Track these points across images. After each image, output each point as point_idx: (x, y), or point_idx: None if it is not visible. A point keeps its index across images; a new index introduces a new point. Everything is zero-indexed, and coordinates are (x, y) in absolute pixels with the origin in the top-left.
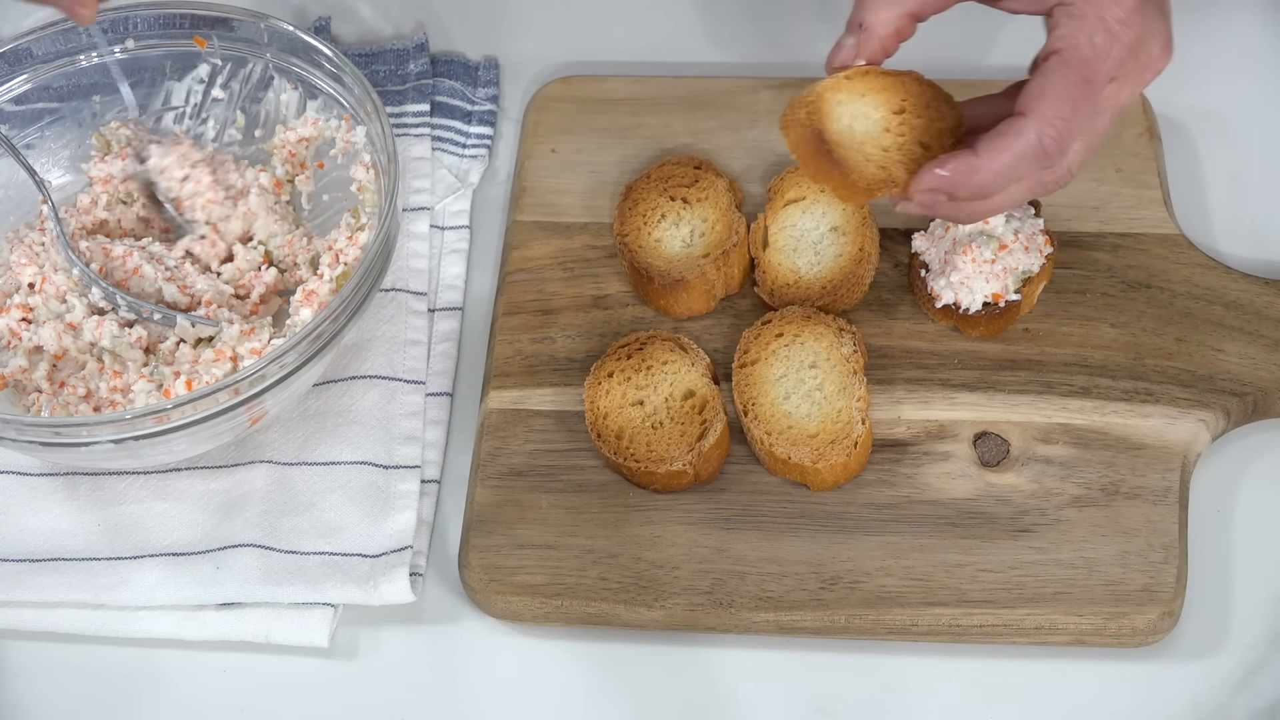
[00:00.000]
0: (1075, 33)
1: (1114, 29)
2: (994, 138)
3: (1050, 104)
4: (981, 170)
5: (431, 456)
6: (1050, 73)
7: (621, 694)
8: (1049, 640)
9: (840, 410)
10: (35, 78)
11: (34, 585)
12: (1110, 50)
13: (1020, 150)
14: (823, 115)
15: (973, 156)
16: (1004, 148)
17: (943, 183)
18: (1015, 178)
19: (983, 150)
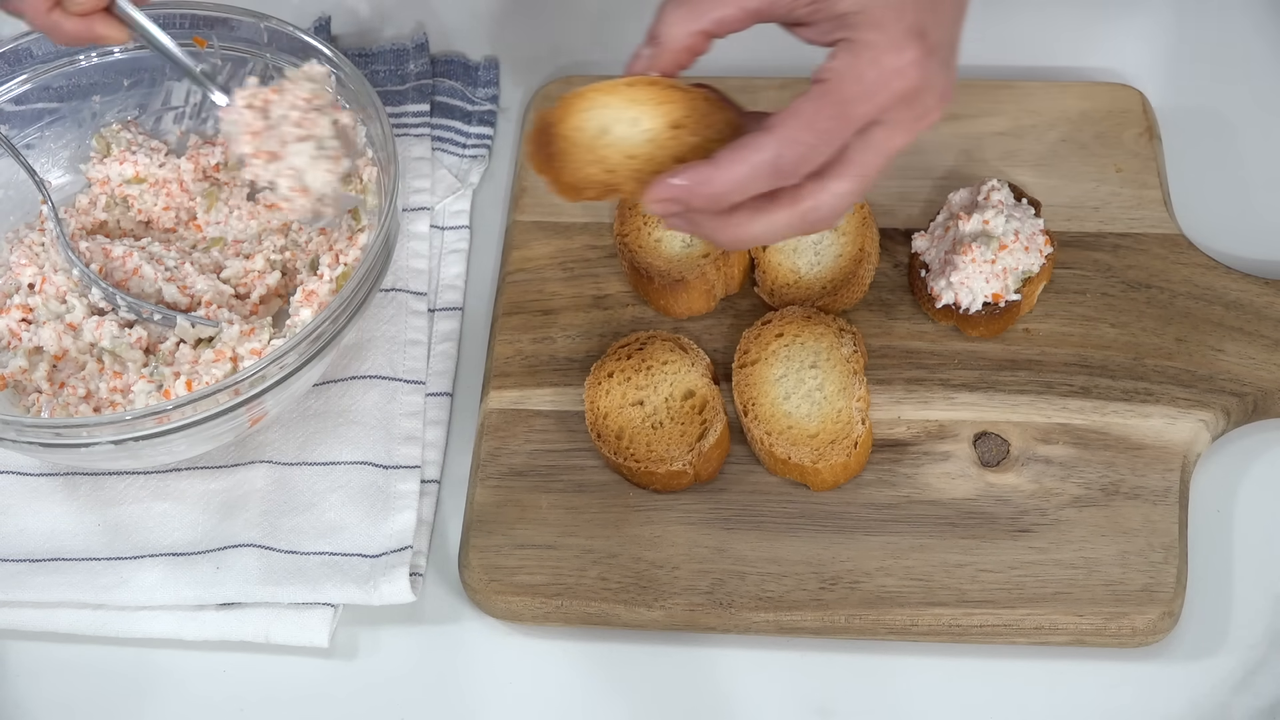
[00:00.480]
0: (845, 67)
1: (887, 74)
2: (733, 149)
3: (796, 125)
4: (715, 180)
5: (431, 456)
6: (807, 97)
7: (621, 694)
8: (1049, 640)
9: (840, 410)
10: (35, 78)
11: (34, 585)
12: (877, 92)
13: (757, 164)
14: (567, 109)
15: (708, 167)
16: (741, 159)
17: (676, 192)
18: (751, 190)
19: (720, 161)
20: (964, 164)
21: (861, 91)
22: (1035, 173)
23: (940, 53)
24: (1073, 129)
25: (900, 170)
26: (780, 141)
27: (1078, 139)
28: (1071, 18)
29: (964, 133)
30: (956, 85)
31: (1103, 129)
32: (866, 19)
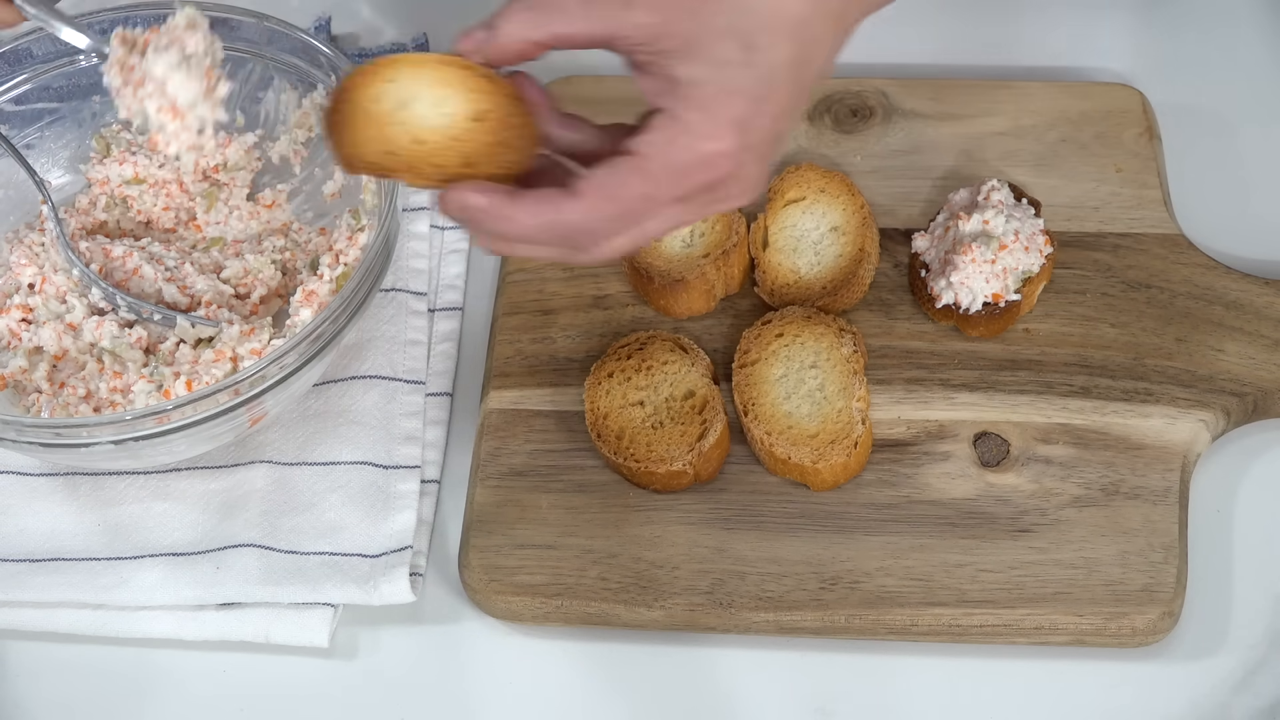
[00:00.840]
0: (659, 145)
1: (698, 161)
2: (540, 201)
3: (604, 202)
4: (513, 222)
5: (431, 456)
6: (615, 170)
7: (621, 694)
8: (1049, 640)
9: (840, 410)
10: (35, 78)
11: (34, 585)
12: (685, 178)
13: (556, 224)
14: (370, 76)
15: (510, 205)
16: (543, 214)
17: (473, 214)
18: (539, 242)
19: (522, 205)
20: (964, 164)
21: (670, 175)
22: (1035, 173)
23: (758, 149)
24: (1073, 129)
25: (900, 170)
26: (585, 211)
27: (1078, 139)
28: (1071, 18)
29: (964, 133)
30: (957, 85)
31: (1103, 129)
32: (694, 98)
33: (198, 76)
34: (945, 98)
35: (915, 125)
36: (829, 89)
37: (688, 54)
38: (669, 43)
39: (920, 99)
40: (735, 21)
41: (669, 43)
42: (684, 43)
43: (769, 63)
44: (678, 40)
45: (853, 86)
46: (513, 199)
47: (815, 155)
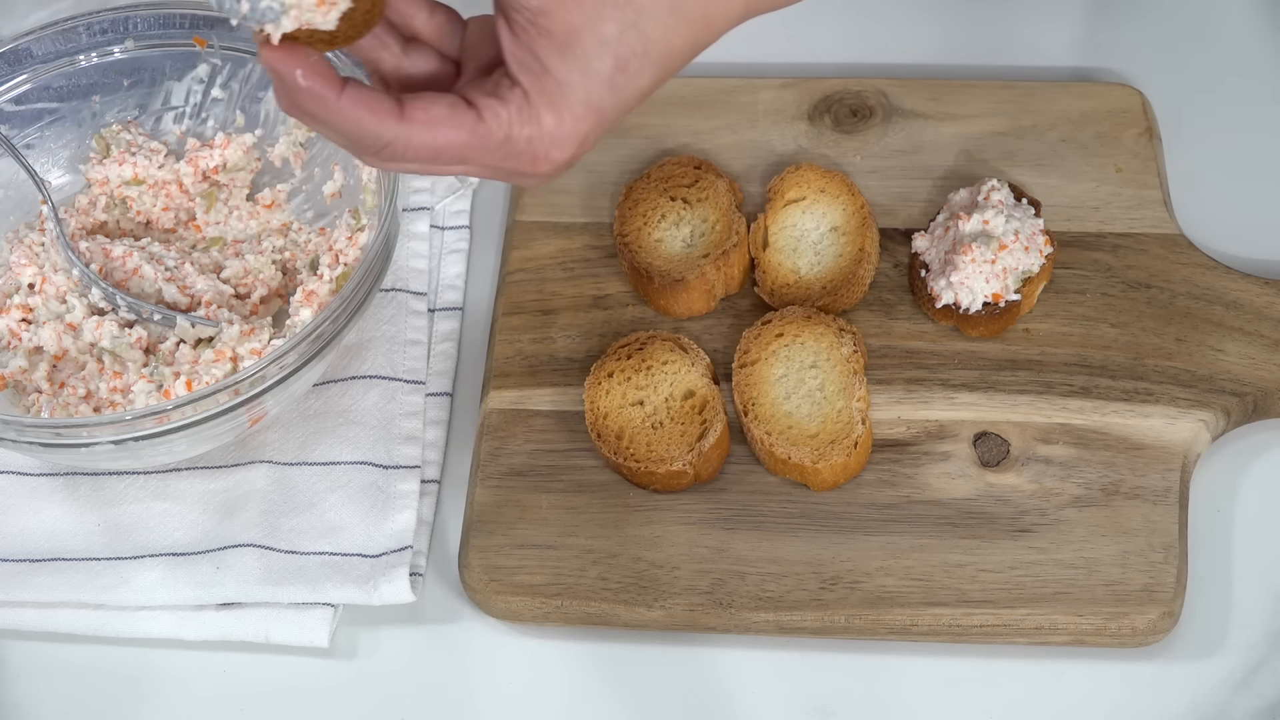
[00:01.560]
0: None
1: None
2: (360, 104)
3: (425, 137)
4: (329, 112)
5: (431, 456)
6: (457, 120)
7: (621, 694)
8: (1049, 640)
9: (840, 410)
10: (35, 78)
11: (34, 585)
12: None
13: (368, 133)
14: None
15: (334, 97)
16: (360, 119)
17: (292, 88)
18: (341, 134)
19: (346, 97)
20: (964, 164)
21: (499, 151)
22: (1035, 173)
23: (576, 160)
24: (1073, 129)
25: (900, 170)
26: (400, 134)
27: (1078, 139)
28: (1071, 18)
29: (964, 133)
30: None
31: (1103, 129)
32: (556, 99)
33: None
34: (945, 98)
35: (915, 125)
36: (829, 89)
37: (565, 49)
38: (550, 23)
39: (920, 99)
40: (619, 36)
41: (550, 23)
42: (565, 34)
43: (631, 90)
44: (560, 27)
45: (853, 86)
46: (333, 87)
47: (815, 155)
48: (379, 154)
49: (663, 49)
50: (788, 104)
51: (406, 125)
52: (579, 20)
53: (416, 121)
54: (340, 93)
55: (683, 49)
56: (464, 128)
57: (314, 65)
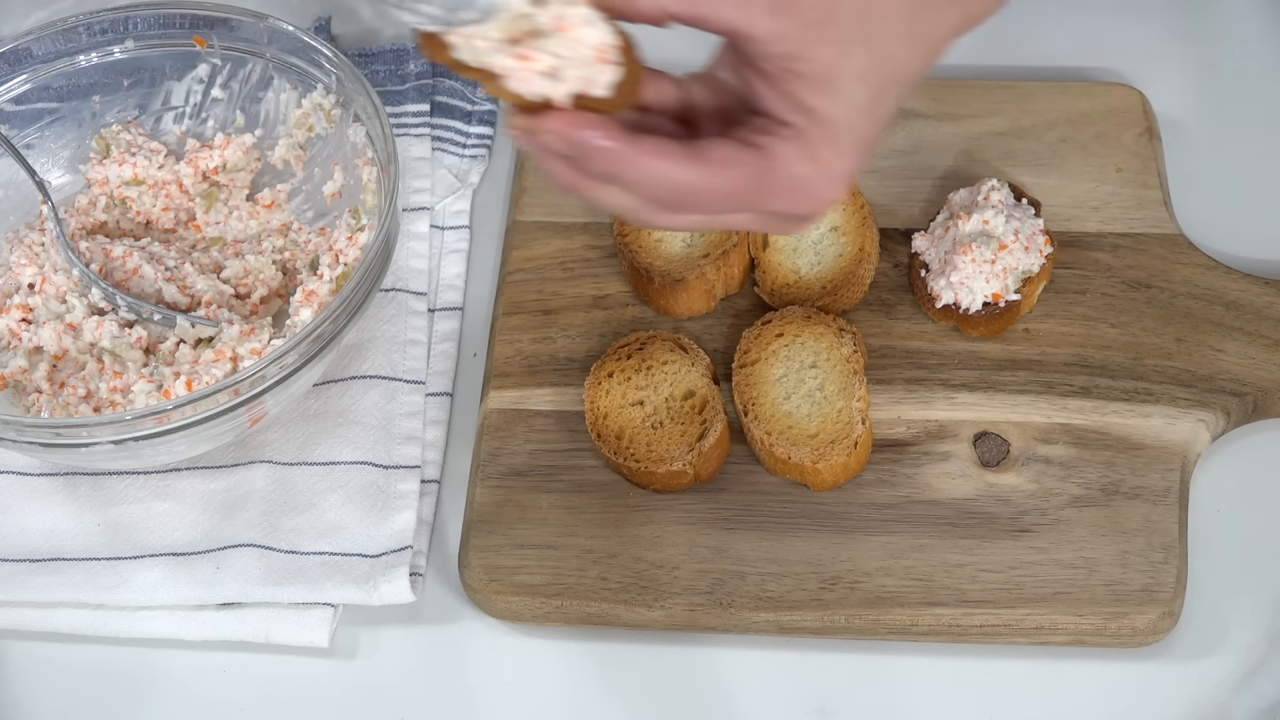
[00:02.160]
0: (790, 163)
1: (810, 195)
2: (662, 152)
3: (721, 178)
4: (629, 166)
5: (431, 456)
6: (747, 158)
7: (621, 694)
8: (1049, 640)
9: (840, 410)
10: (35, 78)
11: (34, 585)
12: (791, 201)
13: (669, 181)
14: None
15: (630, 146)
16: (663, 166)
17: (586, 148)
18: (647, 192)
19: (643, 148)
20: (964, 164)
21: (783, 190)
22: (1035, 173)
23: (851, 183)
24: (1073, 129)
25: (900, 170)
26: (702, 176)
27: (1078, 139)
28: (1071, 18)
29: (964, 133)
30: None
31: (1103, 129)
32: (829, 135)
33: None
34: (945, 98)
35: (915, 125)
36: None
37: (823, 87)
38: (805, 65)
39: (920, 99)
40: (871, 67)
41: (805, 65)
42: (821, 73)
43: (886, 117)
44: (815, 67)
45: None
46: (633, 141)
47: None
48: (673, 204)
49: (906, 75)
50: None
51: (706, 167)
52: (831, 56)
53: (714, 163)
54: (639, 144)
55: (918, 71)
56: (753, 166)
57: (606, 122)
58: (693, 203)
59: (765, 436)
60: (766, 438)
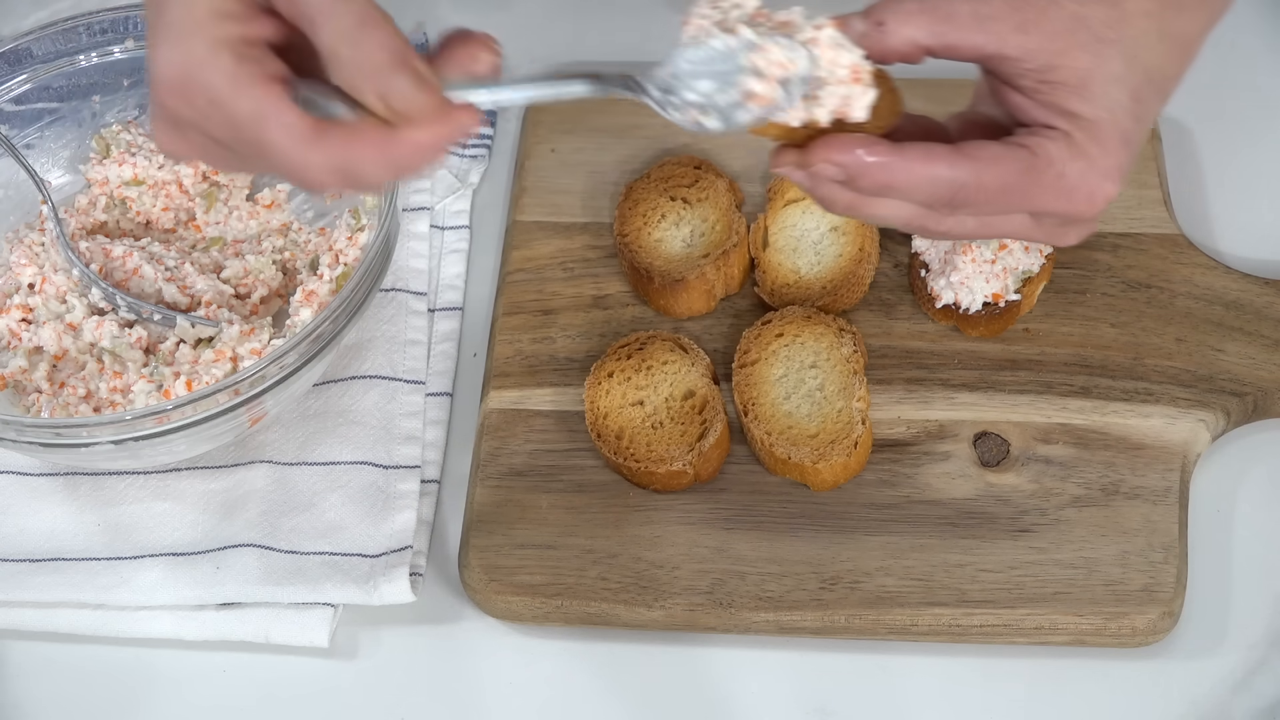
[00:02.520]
0: (1059, 160)
1: (1085, 192)
2: (929, 153)
3: (991, 172)
4: (902, 173)
5: (431, 456)
6: (1012, 156)
7: (621, 694)
8: (1049, 640)
9: (840, 410)
10: (35, 78)
11: (34, 585)
12: (1061, 200)
13: (938, 178)
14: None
15: (895, 155)
16: (934, 165)
17: (857, 167)
18: (914, 196)
19: (908, 154)
20: None
21: (1053, 189)
22: None
23: (1122, 184)
24: None
25: None
26: (971, 173)
27: None
28: None
29: None
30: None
31: None
32: (1095, 134)
33: None
34: (945, 98)
35: None
36: None
37: (1083, 92)
38: (1061, 75)
39: (920, 99)
40: (1127, 70)
41: (1061, 75)
42: (1079, 80)
43: (1147, 118)
44: (1071, 76)
45: None
46: (900, 150)
47: None
48: (952, 203)
49: (1161, 75)
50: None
51: (975, 163)
52: (1086, 63)
53: (983, 159)
54: (907, 152)
55: (1176, 73)
56: (1022, 161)
57: (871, 139)
58: (965, 199)
59: (765, 436)
60: (766, 438)
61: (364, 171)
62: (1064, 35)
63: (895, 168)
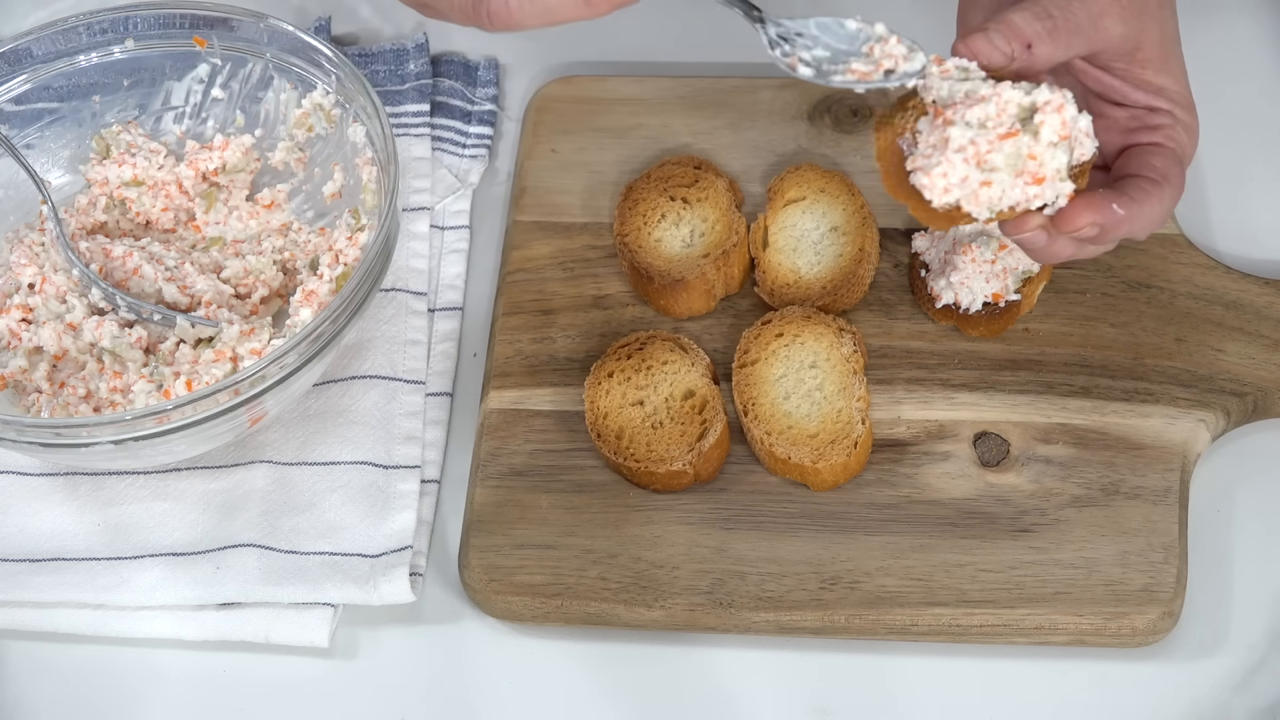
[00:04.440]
0: (1184, 145)
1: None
2: (1145, 191)
3: (1175, 186)
4: (1138, 219)
5: (431, 456)
6: (1178, 178)
7: (621, 694)
8: (1049, 640)
9: (840, 410)
10: (35, 78)
11: (34, 585)
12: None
13: (1161, 207)
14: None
15: (1134, 203)
16: (1154, 199)
17: (1112, 220)
18: (1148, 231)
19: (1140, 198)
20: None
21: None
22: None
23: None
24: None
25: None
26: (1174, 194)
27: None
28: None
29: None
30: None
31: None
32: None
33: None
34: None
35: None
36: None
37: (1163, 65)
38: (1146, 52)
39: None
40: (1170, 30)
41: (1146, 52)
42: (1160, 53)
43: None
44: (1154, 50)
45: None
46: (1127, 196)
47: (815, 155)
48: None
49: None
50: (788, 104)
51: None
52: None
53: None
54: (1138, 200)
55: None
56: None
57: (1106, 193)
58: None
59: (765, 436)
60: (766, 438)
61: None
62: (1143, 12)
63: (1136, 218)
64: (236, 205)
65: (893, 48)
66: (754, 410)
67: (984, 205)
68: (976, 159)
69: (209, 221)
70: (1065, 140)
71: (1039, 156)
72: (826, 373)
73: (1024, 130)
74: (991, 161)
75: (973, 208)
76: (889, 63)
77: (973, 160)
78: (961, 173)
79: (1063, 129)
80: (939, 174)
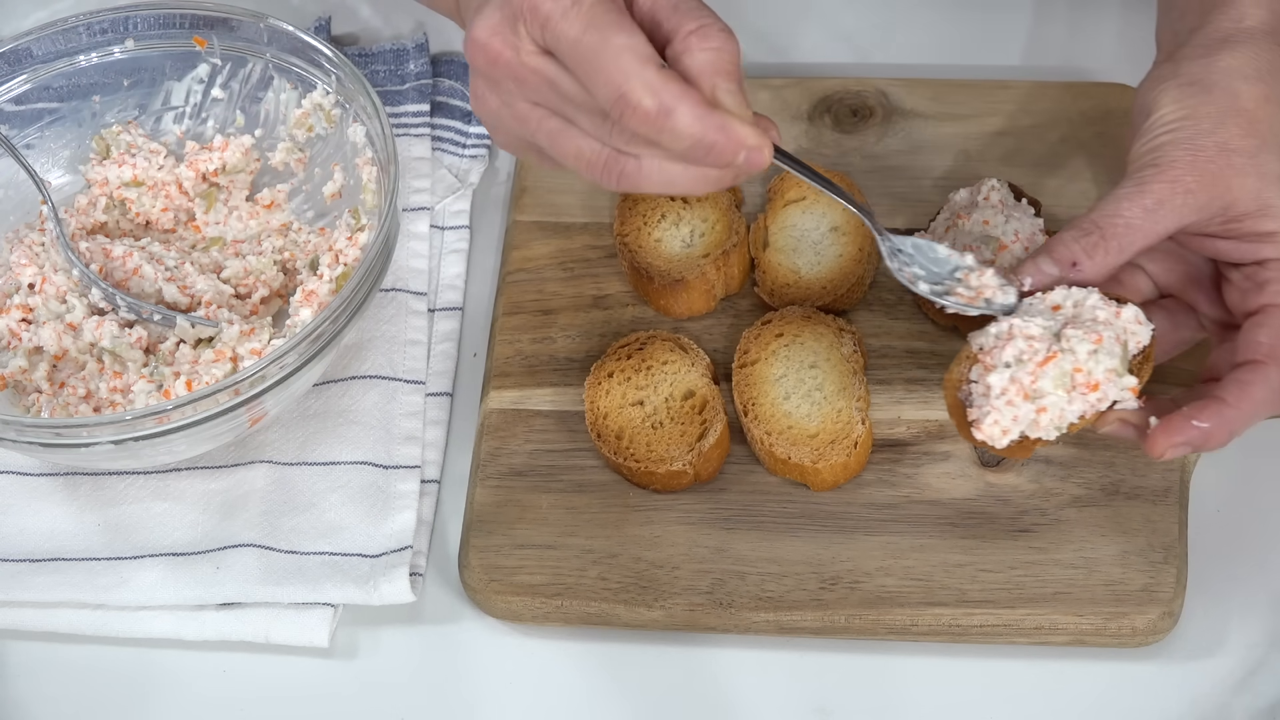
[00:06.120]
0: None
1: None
2: (1241, 385)
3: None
4: (1236, 420)
5: (431, 456)
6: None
7: (621, 694)
8: (1049, 640)
9: (840, 410)
10: (35, 78)
11: (34, 585)
12: None
13: (1264, 397)
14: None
15: (1225, 406)
16: (1252, 395)
17: (1198, 435)
18: (1251, 425)
19: (1233, 398)
20: (964, 164)
21: None
22: (1035, 173)
23: None
24: (1073, 129)
25: (900, 170)
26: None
27: (1078, 139)
28: (1071, 18)
29: (964, 133)
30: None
31: (1103, 129)
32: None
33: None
34: (945, 98)
35: (915, 125)
36: (829, 89)
37: (1268, 211)
38: (1241, 208)
39: (920, 99)
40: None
41: (1241, 208)
42: (1258, 205)
43: None
44: (1250, 203)
45: (853, 86)
46: (1219, 400)
47: (815, 155)
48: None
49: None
50: (788, 104)
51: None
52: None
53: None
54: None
55: None
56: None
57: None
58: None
59: (765, 436)
60: (766, 438)
61: (679, 124)
62: (1221, 173)
63: (1235, 419)
64: (236, 205)
65: (988, 279)
66: (754, 410)
67: (1049, 428)
68: (1022, 393)
69: (209, 222)
70: (1100, 343)
71: (1084, 368)
72: (826, 373)
73: (1060, 349)
74: (1040, 389)
75: (1039, 433)
76: (988, 292)
77: (1018, 397)
78: (1011, 414)
79: (1094, 336)
80: (991, 423)
